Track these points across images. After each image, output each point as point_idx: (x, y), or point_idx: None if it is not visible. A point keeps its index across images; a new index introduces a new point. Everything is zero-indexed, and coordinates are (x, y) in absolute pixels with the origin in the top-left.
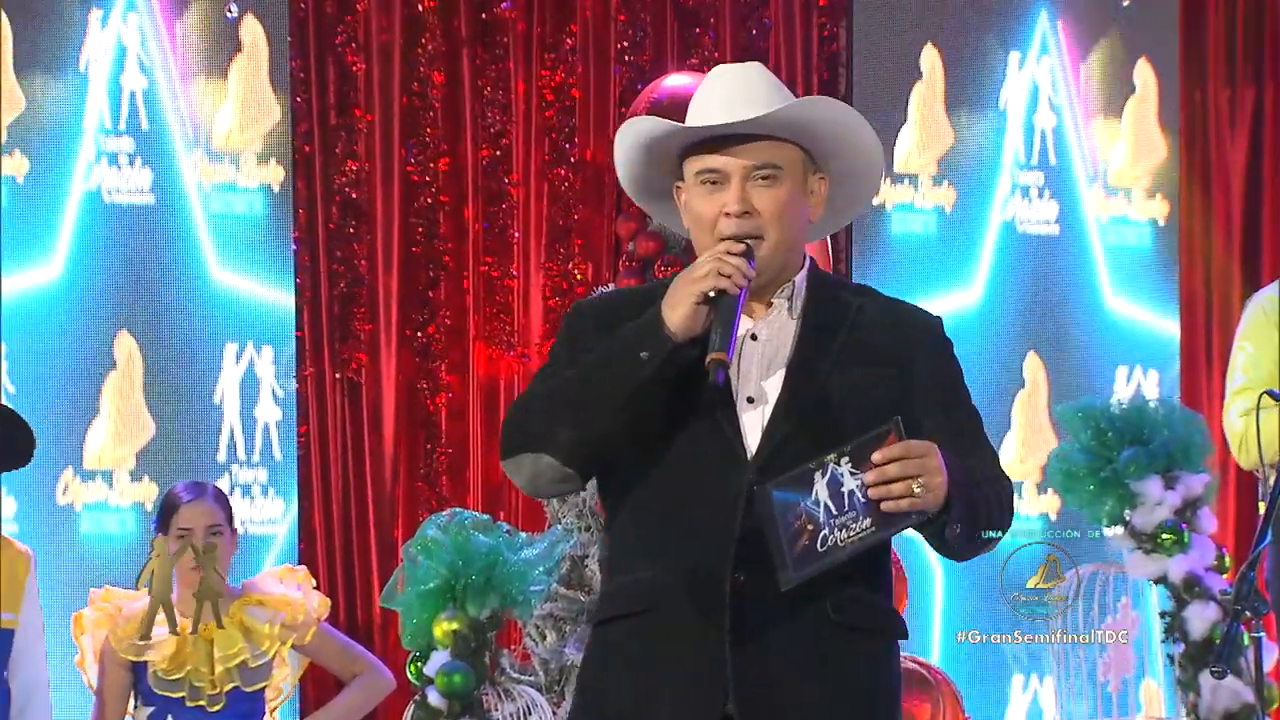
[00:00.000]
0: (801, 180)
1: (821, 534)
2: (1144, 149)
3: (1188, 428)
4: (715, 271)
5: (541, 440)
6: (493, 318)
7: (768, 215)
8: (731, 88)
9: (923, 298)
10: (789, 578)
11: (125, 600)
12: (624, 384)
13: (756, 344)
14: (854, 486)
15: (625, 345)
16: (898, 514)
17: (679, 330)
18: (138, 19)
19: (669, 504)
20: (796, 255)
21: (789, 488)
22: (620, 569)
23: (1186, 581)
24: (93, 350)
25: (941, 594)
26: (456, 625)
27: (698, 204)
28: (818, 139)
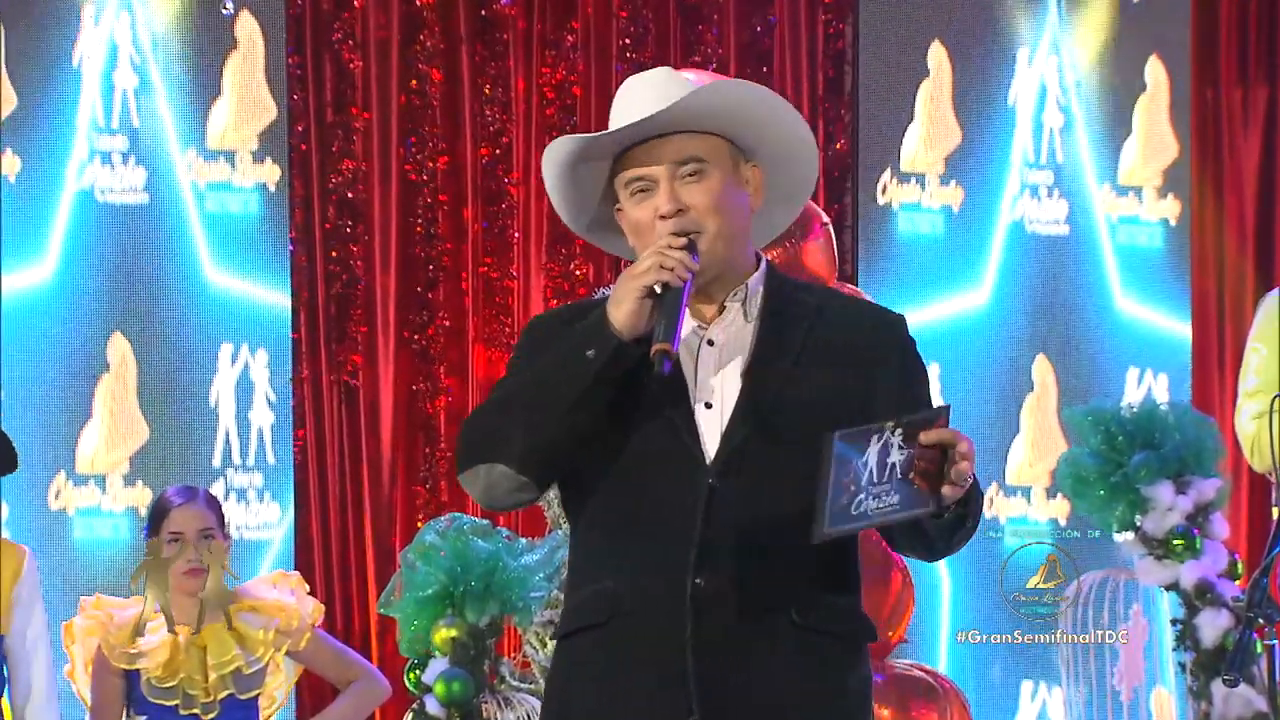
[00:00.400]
0: (731, 169)
1: (859, 497)
2: (1155, 148)
3: (1199, 431)
4: (657, 265)
5: (494, 450)
6: (492, 319)
7: (701, 208)
8: (639, 92)
9: (930, 299)
10: (821, 531)
11: (116, 608)
12: (572, 385)
13: (713, 349)
14: (898, 459)
15: (572, 347)
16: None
17: (624, 327)
18: (131, 15)
19: (628, 512)
20: (744, 251)
21: (852, 440)
22: (582, 580)
23: (1198, 588)
24: (85, 352)
25: (949, 601)
26: (455, 632)
27: (633, 213)
28: (736, 125)
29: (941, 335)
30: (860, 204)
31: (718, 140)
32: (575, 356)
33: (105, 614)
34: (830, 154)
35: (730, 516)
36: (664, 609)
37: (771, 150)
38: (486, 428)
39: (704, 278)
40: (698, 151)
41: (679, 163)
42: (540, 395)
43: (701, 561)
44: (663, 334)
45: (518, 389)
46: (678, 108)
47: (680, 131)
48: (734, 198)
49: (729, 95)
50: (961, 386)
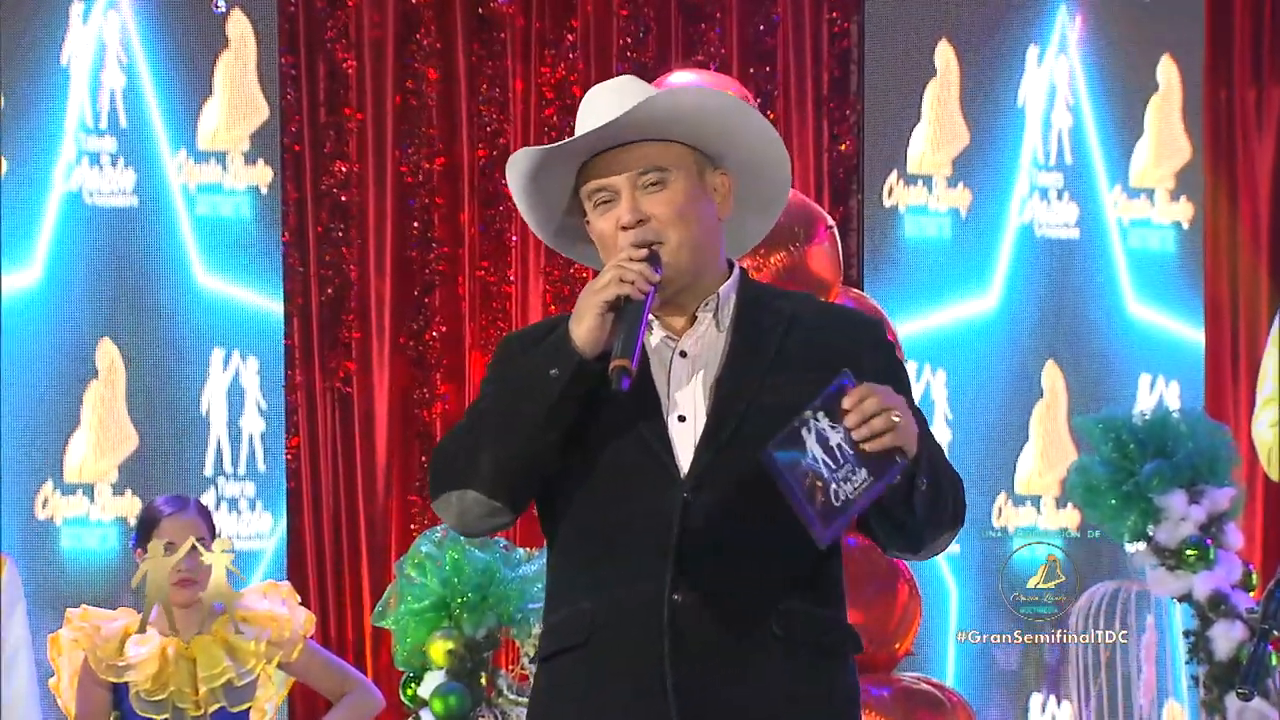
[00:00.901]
0: (696, 177)
1: (832, 488)
2: (1167, 149)
3: (1213, 439)
4: (617, 278)
5: (463, 475)
6: (489, 325)
7: (663, 218)
8: (602, 100)
9: (937, 304)
10: (821, 534)
11: (103, 620)
12: (537, 406)
13: (685, 360)
14: (840, 439)
15: (535, 366)
16: (885, 460)
17: (585, 344)
18: (120, 14)
19: (603, 529)
20: (713, 260)
21: (787, 446)
22: (559, 601)
23: (1212, 599)
24: (73, 358)
25: (955, 612)
26: (452, 645)
27: (597, 225)
28: (699, 131)
29: (949, 341)
30: (866, 206)
31: (681, 148)
32: (538, 376)
33: (92, 626)
34: (835, 155)
35: (706, 530)
36: (642, 626)
37: (740, 157)
38: (455, 453)
39: (671, 289)
40: (659, 160)
41: (640, 172)
42: (506, 417)
43: (678, 576)
44: (621, 350)
45: (484, 412)
46: (633, 115)
47: (643, 140)
48: (699, 206)
49: (687, 101)
50: (969, 393)
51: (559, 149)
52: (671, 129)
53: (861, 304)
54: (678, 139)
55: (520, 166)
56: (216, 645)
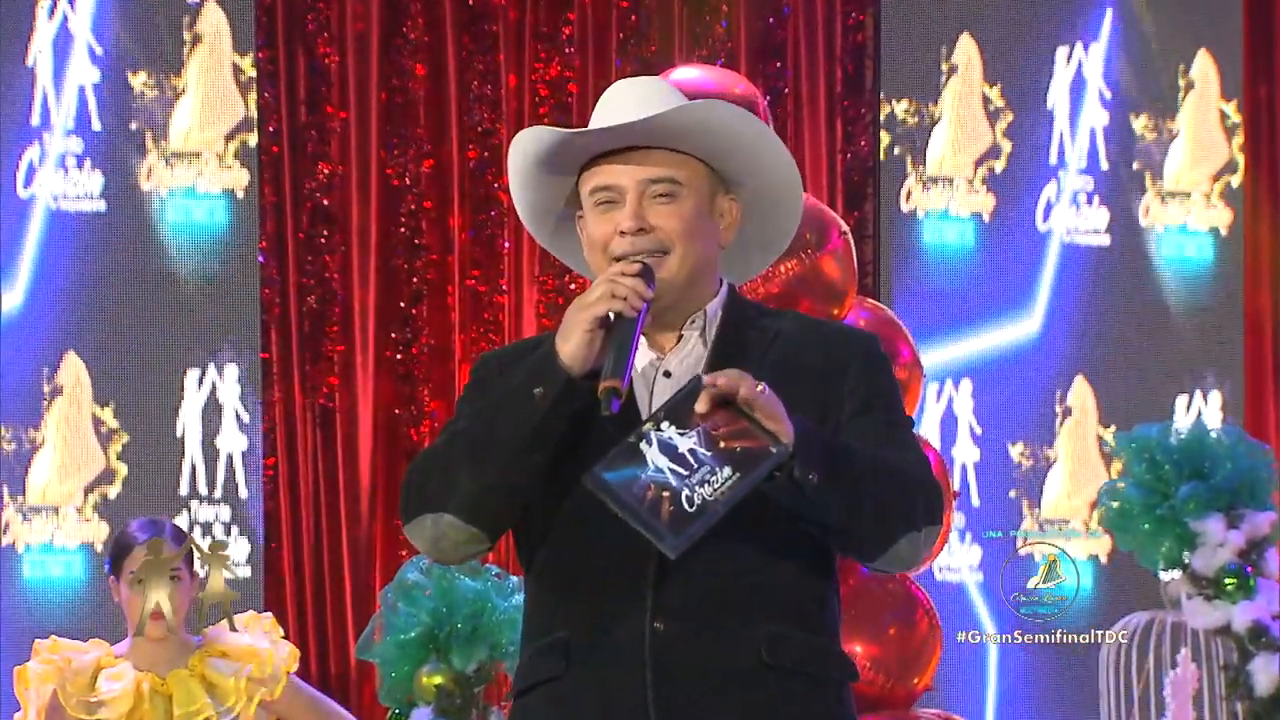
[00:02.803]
0: (707, 199)
1: (683, 495)
2: (1204, 151)
3: (1253, 460)
4: (609, 293)
5: (439, 498)
6: (481, 337)
7: (667, 232)
8: (626, 99)
9: (958, 315)
10: (672, 544)
11: (74, 652)
12: (520, 426)
13: (670, 380)
14: (691, 444)
15: (519, 384)
16: (755, 452)
17: (573, 362)
18: (88, 7)
19: (581, 557)
20: (706, 280)
21: (617, 466)
22: (536, 632)
23: (1252, 631)
24: (37, 374)
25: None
26: (440, 679)
27: (593, 225)
28: (722, 152)
29: (971, 354)
30: (883, 211)
31: (697, 164)
32: (522, 395)
33: (62, 658)
34: (849, 157)
35: (688, 557)
36: (623, 656)
37: (755, 189)
38: (430, 474)
39: (660, 305)
40: (674, 172)
41: (652, 180)
42: (486, 438)
43: (659, 604)
44: (611, 369)
45: (463, 432)
46: (662, 120)
47: (660, 148)
48: (703, 228)
49: (718, 118)
50: (993, 409)
51: (575, 135)
52: (696, 142)
53: (877, 314)
54: (698, 154)
55: (528, 147)
56: (194, 681)
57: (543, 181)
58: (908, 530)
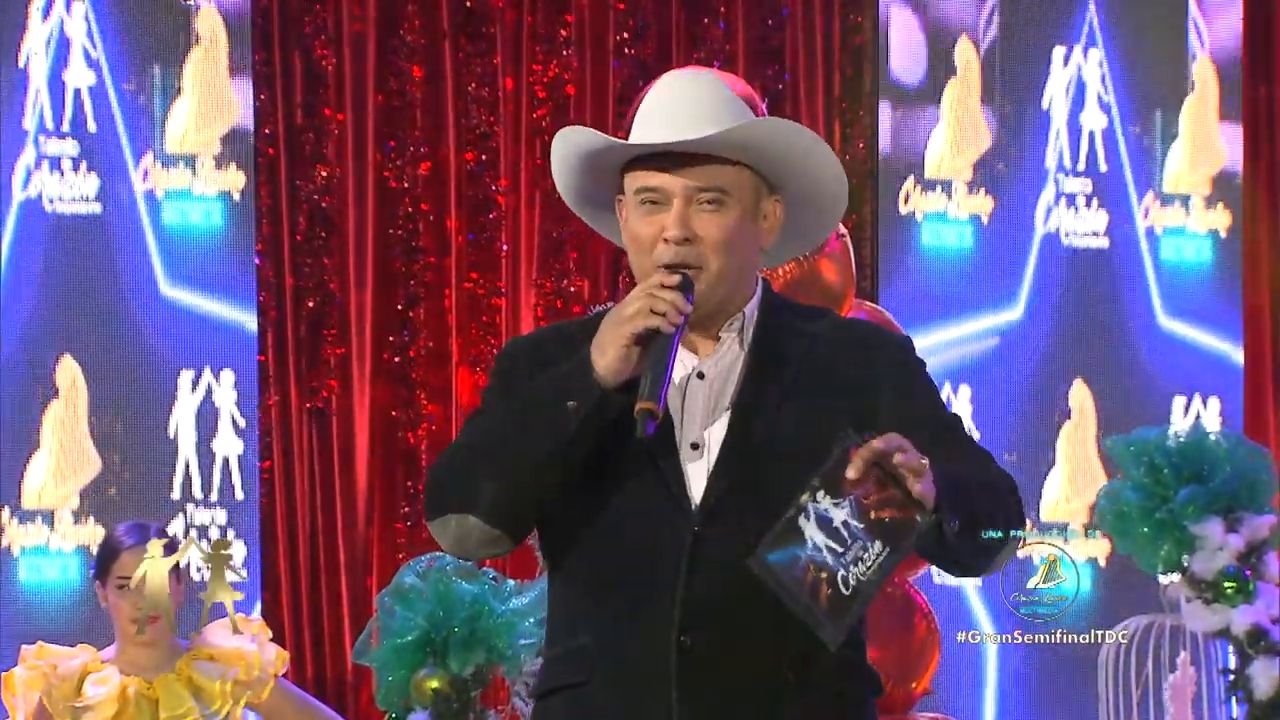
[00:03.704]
0: (752, 205)
1: (839, 575)
2: (1203, 153)
3: (1252, 463)
4: (647, 309)
5: (465, 500)
6: (479, 340)
7: (710, 243)
8: (679, 101)
9: (956, 318)
10: (831, 634)
11: (60, 658)
12: (550, 437)
13: (703, 383)
14: (845, 516)
15: (551, 393)
16: (903, 523)
17: (609, 376)
18: (83, 8)
19: (608, 563)
20: (744, 284)
21: (780, 545)
22: (559, 636)
23: (1251, 634)
24: (32, 377)
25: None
26: (437, 683)
27: (636, 225)
28: (771, 162)
29: (969, 357)
30: (881, 213)
31: (745, 172)
32: (555, 405)
33: (48, 664)
34: (848, 159)
35: (717, 568)
36: (647, 669)
37: (796, 190)
38: (456, 474)
39: (698, 315)
40: (723, 181)
41: (701, 188)
42: (516, 444)
43: (687, 616)
44: (648, 391)
45: (491, 433)
46: (719, 138)
47: (712, 157)
48: (746, 235)
49: (779, 137)
50: (991, 413)
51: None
52: (747, 154)
53: (876, 317)
54: (747, 162)
55: (576, 144)
56: (181, 685)
57: (585, 170)
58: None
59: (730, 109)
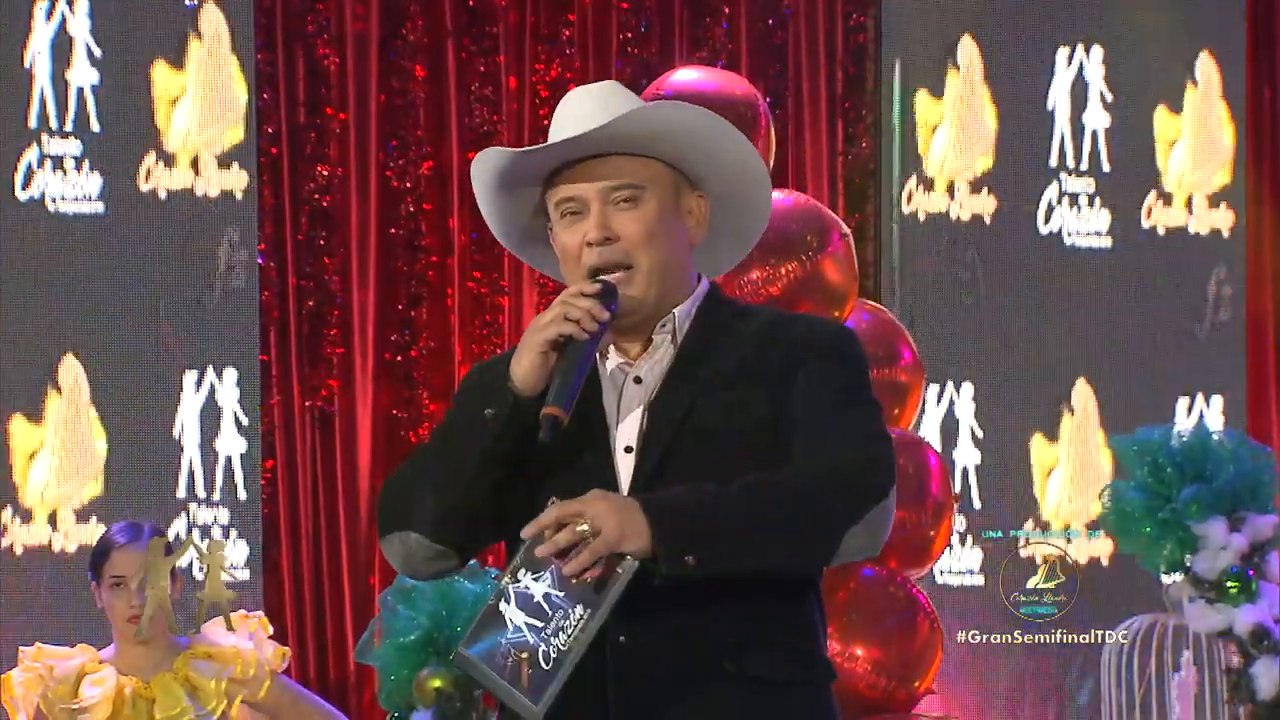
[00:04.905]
0: (672, 199)
1: (540, 651)
2: (1206, 153)
3: (1255, 463)
4: (561, 316)
5: (406, 517)
6: (481, 339)
7: (632, 240)
8: (581, 107)
9: (959, 317)
10: (533, 711)
11: (58, 659)
12: (472, 446)
13: (639, 386)
14: (545, 588)
15: (474, 405)
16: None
17: (523, 384)
18: (86, 7)
19: None
20: (678, 283)
21: (481, 635)
22: None
23: (1254, 634)
24: (35, 376)
25: None
26: (440, 682)
27: (562, 237)
28: (680, 151)
29: (972, 357)
30: (883, 213)
31: (659, 165)
32: (475, 415)
33: (45, 665)
34: (850, 158)
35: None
36: (586, 668)
37: (721, 183)
38: (398, 493)
39: (633, 317)
40: (634, 176)
41: (614, 186)
42: (443, 457)
43: (622, 617)
44: (554, 396)
45: (425, 452)
46: (612, 128)
47: (619, 153)
48: (670, 229)
49: (669, 118)
50: (995, 412)
51: (528, 154)
52: (652, 145)
53: (878, 316)
54: (658, 156)
55: (487, 167)
56: (177, 684)
57: (508, 198)
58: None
59: (627, 105)
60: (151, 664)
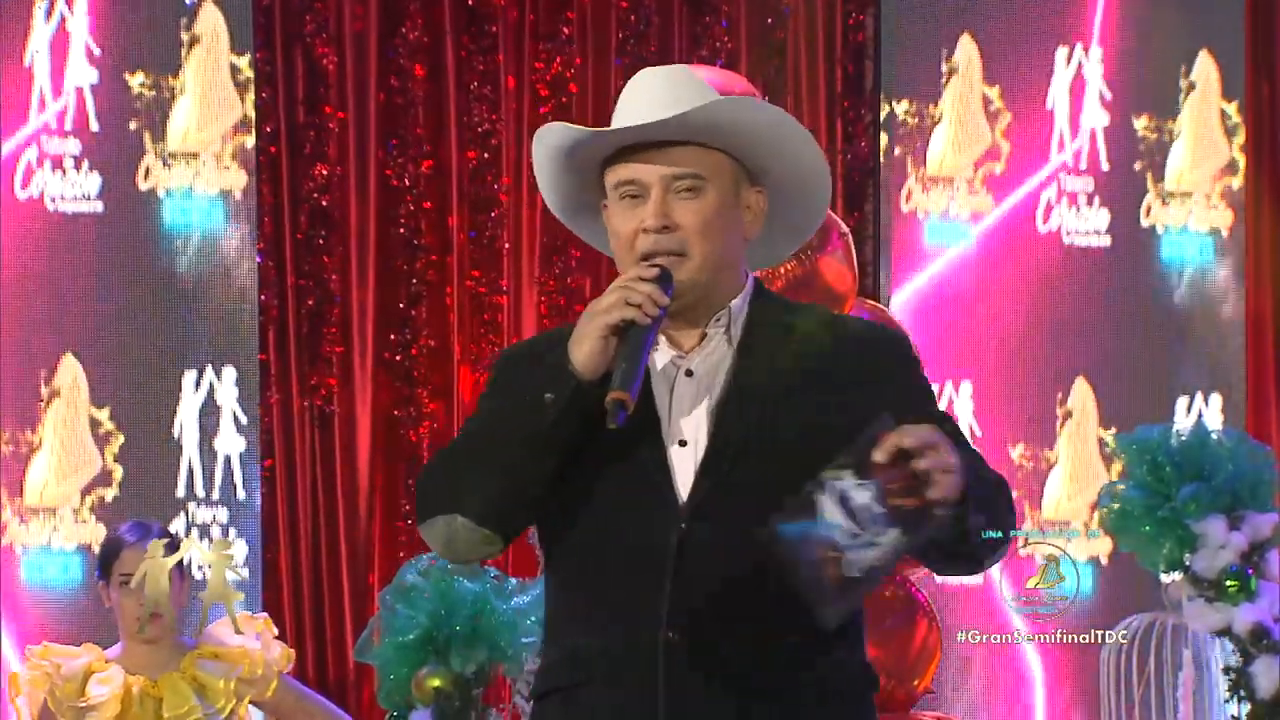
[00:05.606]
0: (732, 191)
1: (848, 558)
2: (1206, 151)
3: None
4: (623, 300)
5: (452, 501)
6: (480, 338)
7: (690, 229)
8: (652, 91)
9: (958, 316)
10: (832, 613)
11: (65, 658)
12: (530, 431)
13: (692, 379)
14: (866, 499)
15: (531, 389)
16: (922, 512)
17: (584, 368)
18: (85, 7)
19: (598, 560)
20: (731, 276)
21: (794, 518)
22: (554, 636)
23: (1253, 633)
24: (34, 375)
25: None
26: (439, 681)
27: (617, 220)
28: (747, 146)
29: (972, 356)
30: (883, 212)
31: (722, 157)
32: (533, 400)
33: (52, 664)
34: (850, 157)
35: (705, 565)
36: (634, 668)
37: (781, 179)
38: (444, 476)
39: (681, 304)
40: (698, 167)
41: (677, 175)
42: (498, 442)
43: (674, 614)
44: (620, 380)
45: (475, 434)
46: (686, 119)
47: (688, 143)
48: (728, 222)
49: (744, 114)
50: (993, 412)
51: (600, 134)
52: (721, 138)
53: (878, 316)
54: (722, 147)
55: (551, 142)
56: (185, 683)
57: (567, 172)
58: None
59: (699, 93)
60: (158, 663)
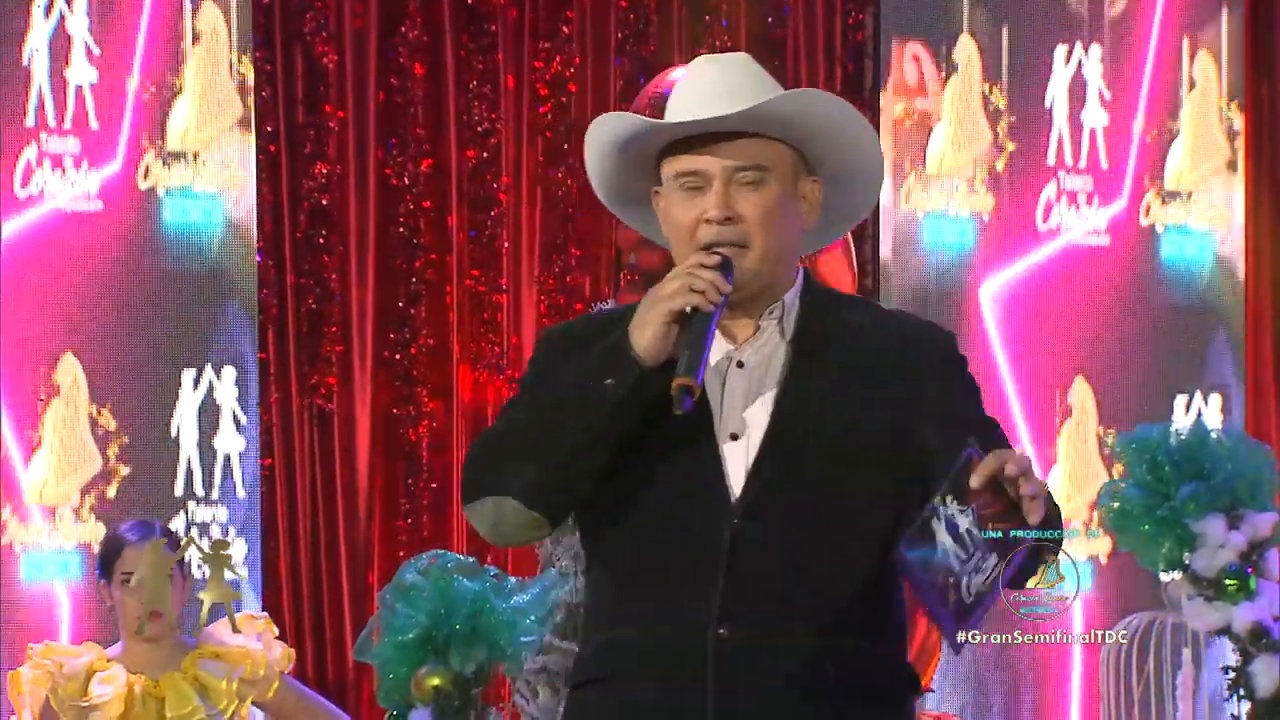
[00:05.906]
0: (792, 183)
1: (963, 583)
2: (1205, 150)
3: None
4: (686, 287)
5: (502, 483)
6: (480, 337)
7: (752, 221)
8: (714, 81)
9: (957, 315)
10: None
11: (67, 657)
12: (588, 416)
13: (743, 371)
14: (968, 524)
15: (590, 373)
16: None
17: (647, 354)
18: (84, 5)
19: (646, 552)
20: (787, 268)
21: (919, 542)
22: (596, 626)
23: (1253, 632)
24: (33, 374)
25: None
26: (438, 680)
27: (676, 210)
28: (809, 137)
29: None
30: (882, 211)
31: (783, 148)
32: (593, 384)
33: (54, 663)
34: None
35: (757, 560)
36: (683, 662)
37: (837, 168)
38: (495, 458)
39: (740, 297)
40: (761, 159)
41: (740, 167)
42: (554, 426)
43: (725, 610)
44: (685, 366)
45: (528, 417)
46: (756, 112)
47: (749, 135)
48: (788, 213)
49: (816, 108)
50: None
51: (660, 127)
52: (784, 129)
53: None
54: (785, 139)
55: (611, 130)
56: (187, 683)
57: (621, 161)
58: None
59: (763, 84)
60: (159, 663)
